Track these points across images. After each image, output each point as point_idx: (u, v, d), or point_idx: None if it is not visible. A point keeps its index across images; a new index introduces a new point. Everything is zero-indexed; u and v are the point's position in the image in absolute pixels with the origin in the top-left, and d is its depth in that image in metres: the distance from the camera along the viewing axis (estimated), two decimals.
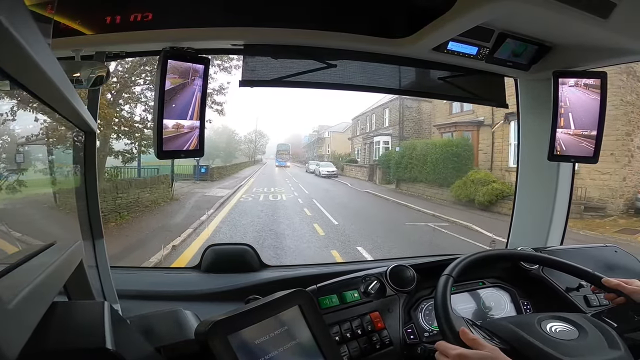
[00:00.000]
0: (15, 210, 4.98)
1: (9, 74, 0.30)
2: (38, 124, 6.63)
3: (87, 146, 0.83)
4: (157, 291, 1.12)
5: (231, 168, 21.84)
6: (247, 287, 1.13)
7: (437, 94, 1.43)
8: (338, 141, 29.98)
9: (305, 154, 37.81)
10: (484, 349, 0.69)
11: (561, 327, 0.77)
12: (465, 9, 0.91)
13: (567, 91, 1.22)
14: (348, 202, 11.93)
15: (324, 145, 32.89)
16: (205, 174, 15.53)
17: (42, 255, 0.50)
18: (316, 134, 36.15)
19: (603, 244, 1.36)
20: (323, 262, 4.92)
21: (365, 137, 21.95)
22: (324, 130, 34.11)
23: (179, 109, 1.00)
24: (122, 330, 0.53)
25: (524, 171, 1.53)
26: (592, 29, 0.97)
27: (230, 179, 17.66)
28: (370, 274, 1.05)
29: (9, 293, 0.31)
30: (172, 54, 0.98)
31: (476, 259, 0.93)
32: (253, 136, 36.23)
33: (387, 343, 0.95)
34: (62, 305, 0.49)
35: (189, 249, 6.05)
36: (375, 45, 1.09)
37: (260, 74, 1.14)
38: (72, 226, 0.87)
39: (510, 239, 1.58)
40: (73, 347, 0.43)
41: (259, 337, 0.68)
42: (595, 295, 1.11)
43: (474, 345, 0.70)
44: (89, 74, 0.90)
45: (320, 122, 39.07)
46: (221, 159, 29.80)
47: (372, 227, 8.15)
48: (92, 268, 0.85)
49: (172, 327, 0.74)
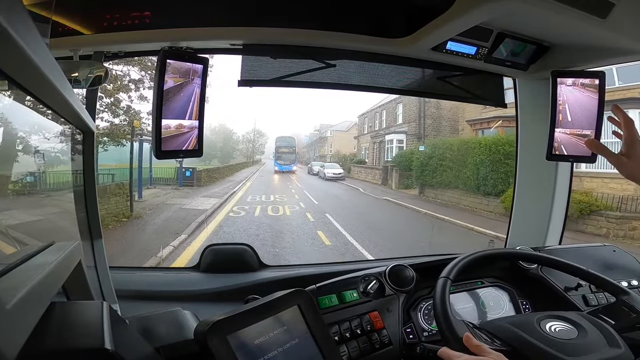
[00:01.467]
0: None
1: (6, 74, 0.30)
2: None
3: (85, 146, 0.83)
4: (156, 291, 1.12)
5: (225, 170, 19.66)
6: (247, 287, 1.13)
7: (435, 93, 1.43)
8: (342, 140, 28.29)
9: (307, 154, 36.22)
10: (489, 355, 0.67)
11: (560, 326, 0.77)
12: (464, 8, 0.91)
13: (565, 91, 1.23)
14: (369, 216, 9.13)
15: (327, 144, 31.09)
16: (191, 178, 13.27)
17: (41, 255, 0.50)
18: (317, 134, 34.34)
19: (602, 243, 1.37)
20: (322, 262, 4.84)
21: (375, 136, 20.28)
22: (326, 129, 32.09)
23: (177, 109, 0.99)
24: (121, 331, 0.53)
25: (523, 171, 1.53)
26: (591, 29, 0.97)
27: (223, 183, 15.23)
28: (369, 274, 1.05)
29: (8, 293, 0.31)
30: (171, 54, 0.97)
31: (474, 258, 0.93)
32: (251, 135, 34.76)
33: (386, 343, 0.95)
34: (60, 306, 0.49)
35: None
36: (374, 45, 1.09)
37: (259, 74, 1.14)
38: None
39: (509, 239, 1.58)
40: (72, 347, 0.43)
41: (258, 337, 0.68)
42: (594, 294, 1.11)
43: (478, 352, 0.69)
44: (88, 74, 0.90)
45: (322, 120, 37.97)
46: (218, 159, 28.59)
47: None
48: (91, 268, 0.85)
49: (171, 327, 0.74)
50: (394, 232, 7.59)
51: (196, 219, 7.47)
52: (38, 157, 0.80)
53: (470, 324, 0.80)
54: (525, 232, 1.54)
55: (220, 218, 8.17)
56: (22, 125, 0.68)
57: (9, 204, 0.65)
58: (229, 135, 33.25)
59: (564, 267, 0.95)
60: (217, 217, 8.26)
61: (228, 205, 9.97)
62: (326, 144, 31.22)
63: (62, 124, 0.72)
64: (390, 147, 17.83)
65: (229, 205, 9.99)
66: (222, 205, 9.71)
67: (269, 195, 12.66)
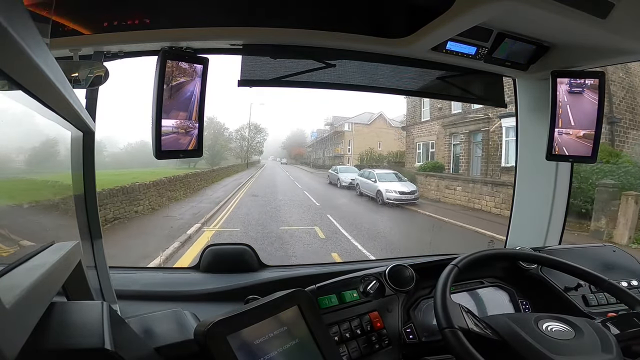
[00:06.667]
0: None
1: (6, 74, 0.30)
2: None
3: (85, 146, 0.83)
4: (155, 291, 1.12)
5: (192, 181, 11.72)
6: (247, 287, 1.13)
7: (435, 93, 1.43)
8: (364, 136, 20.93)
9: (313, 155, 29.17)
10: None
11: (558, 327, 0.77)
12: (464, 9, 0.91)
13: (565, 91, 1.23)
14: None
15: (344, 141, 22.56)
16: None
17: (41, 255, 0.50)
18: (329, 129, 25.34)
19: (602, 243, 1.37)
20: (322, 262, 4.77)
21: (457, 123, 12.01)
22: (341, 123, 23.50)
23: (177, 109, 0.99)
24: (121, 331, 0.53)
25: (523, 171, 1.53)
26: (591, 29, 0.97)
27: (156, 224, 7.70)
28: (369, 274, 1.05)
29: (8, 293, 0.31)
30: (171, 54, 0.98)
31: (486, 255, 0.94)
32: (246, 132, 26.10)
33: (386, 343, 0.95)
34: (60, 306, 0.49)
35: None
36: (374, 45, 1.09)
37: (259, 74, 1.14)
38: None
39: (509, 239, 1.59)
40: (72, 347, 0.43)
41: (258, 337, 0.68)
42: (594, 294, 1.11)
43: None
44: (88, 74, 0.90)
45: (334, 113, 27.68)
46: (206, 160, 20.99)
47: None
48: (91, 268, 0.85)
49: (171, 327, 0.74)
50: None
51: None
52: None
53: (466, 309, 0.80)
54: (525, 232, 1.54)
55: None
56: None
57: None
58: (220, 131, 25.02)
59: (571, 270, 0.93)
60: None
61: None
62: (343, 140, 22.75)
63: (62, 124, 0.72)
64: (507, 142, 10.01)
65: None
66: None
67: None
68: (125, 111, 33.74)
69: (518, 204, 1.56)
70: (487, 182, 9.72)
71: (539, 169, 1.47)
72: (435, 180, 11.50)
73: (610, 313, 0.93)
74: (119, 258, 5.36)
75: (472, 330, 0.74)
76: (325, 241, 6.94)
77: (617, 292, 0.86)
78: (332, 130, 24.50)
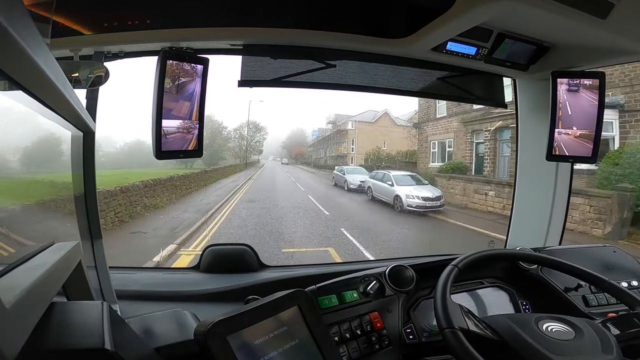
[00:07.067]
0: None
1: (7, 74, 0.30)
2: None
3: (85, 146, 0.83)
4: (156, 291, 1.12)
5: (179, 185, 10.17)
6: (247, 288, 1.13)
7: (436, 94, 1.43)
8: (368, 135, 20.03)
9: (313, 154, 28.79)
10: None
11: (558, 327, 0.77)
12: (464, 9, 0.91)
13: (565, 91, 1.23)
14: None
15: (348, 140, 21.64)
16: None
17: (41, 255, 0.50)
18: (331, 127, 24.67)
19: (602, 244, 1.37)
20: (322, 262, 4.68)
21: (478, 120, 10.73)
22: (344, 121, 22.61)
23: (178, 109, 0.99)
24: (121, 331, 0.53)
25: (523, 171, 1.53)
26: (591, 29, 0.97)
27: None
28: (369, 274, 1.05)
29: (8, 293, 0.31)
30: (171, 54, 0.98)
31: (486, 255, 0.93)
32: (245, 130, 25.19)
33: (386, 343, 0.95)
34: (60, 306, 0.49)
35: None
36: (374, 46, 1.09)
37: (259, 74, 1.14)
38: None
39: (509, 239, 1.58)
40: (72, 347, 0.43)
41: (258, 338, 0.68)
42: (594, 295, 1.11)
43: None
44: (88, 74, 0.90)
45: (336, 111, 25.75)
46: (203, 160, 19.85)
47: None
48: (91, 268, 0.85)
49: (171, 327, 0.74)
50: None
51: None
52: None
53: (466, 309, 0.80)
54: (525, 232, 1.54)
55: None
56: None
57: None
58: (218, 130, 24.11)
59: (583, 276, 0.92)
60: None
61: None
62: (347, 139, 21.78)
63: (62, 124, 0.72)
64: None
65: None
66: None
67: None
68: (122, 111, 33.68)
69: (518, 205, 1.56)
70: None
71: (539, 169, 1.47)
72: (461, 183, 9.90)
73: (611, 313, 0.93)
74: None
75: (472, 330, 0.74)
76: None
77: (617, 293, 0.86)
78: (335, 129, 23.57)
